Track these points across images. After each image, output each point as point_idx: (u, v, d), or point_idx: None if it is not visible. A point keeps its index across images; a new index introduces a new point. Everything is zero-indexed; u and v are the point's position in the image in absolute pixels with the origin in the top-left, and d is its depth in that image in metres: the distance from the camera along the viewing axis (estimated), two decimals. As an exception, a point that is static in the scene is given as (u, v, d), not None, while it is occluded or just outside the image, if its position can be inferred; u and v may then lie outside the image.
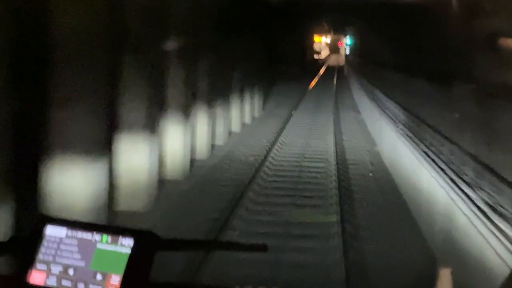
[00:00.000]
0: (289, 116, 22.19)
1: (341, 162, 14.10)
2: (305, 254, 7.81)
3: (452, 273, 2.76)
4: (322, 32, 65.70)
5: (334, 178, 12.23)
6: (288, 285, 6.76)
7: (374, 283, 7.09)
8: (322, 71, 51.01)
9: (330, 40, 75.27)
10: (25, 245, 1.64)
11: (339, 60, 67.25)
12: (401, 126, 14.19)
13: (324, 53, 74.95)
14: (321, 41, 72.03)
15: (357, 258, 7.74)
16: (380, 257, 7.76)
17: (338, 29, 60.85)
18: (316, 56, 67.05)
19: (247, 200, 10.19)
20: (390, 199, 11.02)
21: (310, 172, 13.08)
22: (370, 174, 13.14)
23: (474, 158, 8.20)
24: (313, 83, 38.60)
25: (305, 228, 8.98)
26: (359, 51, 42.15)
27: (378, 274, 7.28)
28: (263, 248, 1.70)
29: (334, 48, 76.86)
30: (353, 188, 11.71)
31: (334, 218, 9.33)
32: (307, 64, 50.28)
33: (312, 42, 63.30)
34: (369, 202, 10.72)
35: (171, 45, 10.84)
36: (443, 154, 9.77)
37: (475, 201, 7.21)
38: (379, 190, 11.70)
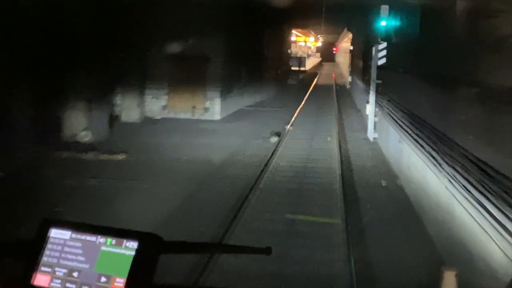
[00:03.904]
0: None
1: None
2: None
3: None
4: (307, 26, 39.38)
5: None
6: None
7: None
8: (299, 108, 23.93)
9: (323, 43, 48.99)
10: (30, 247, 1.64)
11: (337, 74, 41.09)
12: None
13: (311, 62, 48.70)
14: (307, 43, 45.85)
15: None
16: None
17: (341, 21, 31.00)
18: (295, 68, 40.89)
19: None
20: None
21: None
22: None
23: None
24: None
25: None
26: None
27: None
28: (267, 251, 1.71)
29: (329, 54, 51.06)
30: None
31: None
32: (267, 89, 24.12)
33: (287, 43, 37.11)
34: None
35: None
36: None
37: None
38: None
